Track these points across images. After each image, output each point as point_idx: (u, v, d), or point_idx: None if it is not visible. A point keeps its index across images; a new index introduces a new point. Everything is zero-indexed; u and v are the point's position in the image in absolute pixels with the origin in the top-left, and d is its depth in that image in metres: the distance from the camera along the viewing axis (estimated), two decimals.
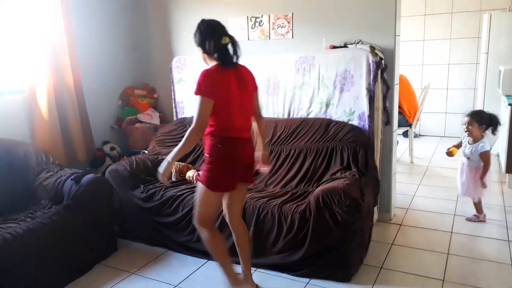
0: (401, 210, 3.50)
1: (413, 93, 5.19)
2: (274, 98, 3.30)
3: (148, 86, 4.12)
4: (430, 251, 2.80)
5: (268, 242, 2.54)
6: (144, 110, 3.96)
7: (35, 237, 2.35)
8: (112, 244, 2.96)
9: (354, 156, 2.83)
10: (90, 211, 2.72)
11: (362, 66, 2.89)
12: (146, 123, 3.91)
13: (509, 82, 4.44)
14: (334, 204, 2.33)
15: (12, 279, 2.22)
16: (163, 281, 2.57)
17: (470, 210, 3.45)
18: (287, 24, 3.36)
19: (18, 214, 2.62)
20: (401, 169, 4.67)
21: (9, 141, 2.96)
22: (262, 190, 2.89)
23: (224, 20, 3.70)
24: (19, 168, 2.91)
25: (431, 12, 6.04)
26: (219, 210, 2.38)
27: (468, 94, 6.05)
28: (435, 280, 2.46)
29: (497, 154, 4.93)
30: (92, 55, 3.70)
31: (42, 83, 3.15)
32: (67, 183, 2.77)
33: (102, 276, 2.64)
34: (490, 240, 2.94)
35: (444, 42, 6.05)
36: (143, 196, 2.95)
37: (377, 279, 2.50)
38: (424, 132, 6.43)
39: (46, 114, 3.18)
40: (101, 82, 3.79)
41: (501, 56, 4.96)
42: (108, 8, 3.84)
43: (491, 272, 2.54)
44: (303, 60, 3.13)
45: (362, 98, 2.93)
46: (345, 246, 2.40)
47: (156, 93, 4.09)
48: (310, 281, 2.48)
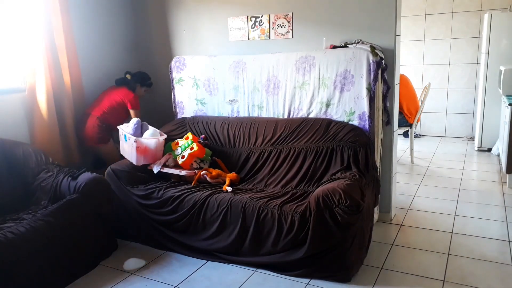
0: (402, 211, 3.49)
1: (413, 93, 5.18)
2: (274, 98, 3.30)
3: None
4: (430, 252, 2.80)
5: (268, 243, 2.53)
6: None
7: (36, 236, 2.35)
8: (113, 244, 2.95)
9: (354, 156, 2.82)
10: (89, 210, 2.71)
11: (363, 66, 2.88)
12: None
13: (509, 82, 4.43)
14: (334, 205, 2.33)
15: (13, 278, 2.21)
16: (162, 281, 2.56)
17: (470, 210, 3.45)
18: (287, 24, 3.35)
19: (18, 214, 2.62)
20: (401, 169, 4.67)
21: (8, 141, 2.96)
22: (262, 190, 2.89)
23: (223, 20, 3.73)
24: (19, 168, 2.91)
25: (431, 12, 6.03)
26: None
27: (468, 94, 6.04)
28: (436, 280, 2.46)
29: (497, 154, 4.92)
30: (92, 55, 3.70)
31: (41, 83, 3.14)
32: (65, 182, 2.77)
33: (101, 276, 2.64)
34: (491, 240, 2.94)
35: (444, 42, 6.04)
36: (142, 196, 2.94)
37: (378, 279, 2.49)
38: (425, 132, 6.42)
39: (45, 114, 3.17)
40: (101, 81, 3.78)
41: (501, 56, 4.96)
42: (108, 8, 3.83)
43: (492, 272, 2.53)
44: (303, 60, 3.12)
45: (362, 98, 2.92)
46: (345, 247, 2.39)
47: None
48: (310, 281, 2.47)
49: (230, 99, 3.49)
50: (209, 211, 2.69)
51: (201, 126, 3.48)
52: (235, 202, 2.63)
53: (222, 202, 2.66)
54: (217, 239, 2.70)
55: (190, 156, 3.07)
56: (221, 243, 2.69)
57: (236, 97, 3.46)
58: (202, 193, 2.78)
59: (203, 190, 2.84)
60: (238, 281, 2.53)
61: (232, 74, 3.42)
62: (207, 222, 2.72)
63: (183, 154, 3.09)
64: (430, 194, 3.88)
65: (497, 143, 4.95)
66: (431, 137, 6.32)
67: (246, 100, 3.42)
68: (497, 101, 4.98)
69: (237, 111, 3.49)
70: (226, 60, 3.44)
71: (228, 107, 3.52)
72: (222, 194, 2.76)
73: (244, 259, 2.65)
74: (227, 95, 3.49)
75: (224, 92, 3.50)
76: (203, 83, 3.56)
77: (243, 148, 3.28)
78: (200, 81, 3.57)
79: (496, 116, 5.01)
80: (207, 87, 3.56)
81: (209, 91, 3.56)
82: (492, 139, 5.16)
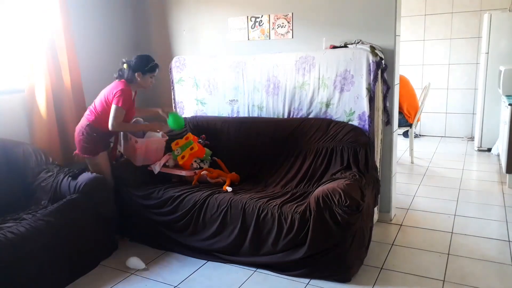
0: (402, 211, 3.49)
1: (413, 93, 5.18)
2: (274, 98, 3.30)
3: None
4: (430, 252, 2.80)
5: (268, 243, 2.53)
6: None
7: (36, 236, 2.35)
8: (113, 244, 2.96)
9: (354, 156, 2.82)
10: (89, 210, 2.71)
11: (362, 66, 2.88)
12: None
13: (509, 82, 4.43)
14: (334, 205, 2.33)
15: (13, 278, 2.22)
16: (162, 281, 2.57)
17: (470, 210, 3.45)
18: (287, 24, 3.35)
19: (18, 214, 2.62)
20: (401, 169, 4.67)
21: (8, 141, 2.96)
22: (262, 190, 2.89)
23: (223, 20, 3.73)
24: (19, 168, 2.91)
25: (431, 12, 6.04)
26: None
27: (468, 94, 6.05)
28: (436, 280, 2.46)
29: (497, 154, 4.93)
30: (92, 55, 3.70)
31: (41, 83, 3.14)
32: (65, 182, 2.77)
33: (101, 276, 2.64)
34: (491, 240, 2.94)
35: (444, 42, 6.05)
36: (142, 196, 2.94)
37: (377, 279, 2.49)
38: (425, 132, 6.42)
39: (45, 114, 3.17)
40: (100, 82, 3.76)
41: (501, 56, 4.96)
42: (108, 8, 3.83)
43: (492, 272, 2.53)
44: (303, 60, 3.13)
45: (362, 98, 2.92)
46: (345, 247, 2.39)
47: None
48: (310, 281, 2.47)
49: (230, 99, 3.49)
50: (209, 211, 2.69)
51: (201, 126, 3.48)
52: (235, 202, 2.63)
53: (222, 202, 2.67)
54: (217, 239, 2.70)
55: (190, 156, 3.07)
56: (221, 243, 2.69)
57: (236, 97, 3.46)
58: (202, 193, 2.78)
59: (203, 190, 2.84)
60: (238, 281, 2.53)
61: (232, 74, 3.42)
62: (207, 222, 2.72)
63: (183, 154, 3.09)
64: (430, 194, 3.88)
65: (497, 143, 4.95)
66: (431, 137, 6.32)
67: (246, 100, 3.42)
68: (497, 101, 4.98)
69: (237, 111, 3.49)
70: (226, 60, 3.44)
71: (228, 107, 3.52)
72: (222, 194, 2.76)
73: (244, 259, 2.65)
74: (227, 95, 3.49)
75: (224, 92, 3.50)
76: (203, 83, 3.56)
77: (243, 148, 3.28)
78: (200, 81, 3.57)
79: (496, 116, 5.01)
80: (207, 87, 3.56)
81: (209, 91, 3.56)
82: (492, 139, 5.16)
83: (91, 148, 2.95)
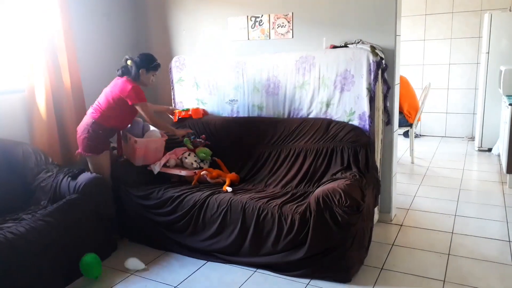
0: (402, 211, 3.49)
1: (413, 93, 5.18)
2: (274, 98, 3.29)
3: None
4: (430, 252, 2.79)
5: (268, 243, 2.53)
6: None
7: (36, 236, 2.34)
8: (112, 244, 2.95)
9: (354, 156, 2.82)
10: (89, 210, 2.71)
11: (363, 66, 2.88)
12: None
13: (509, 82, 4.43)
14: (335, 205, 2.33)
15: (13, 278, 2.21)
16: (162, 281, 2.56)
17: (470, 210, 3.44)
18: (287, 24, 3.35)
19: (18, 214, 2.61)
20: (401, 169, 4.66)
21: (8, 141, 2.96)
22: (262, 191, 2.88)
23: (223, 20, 3.72)
24: (18, 168, 2.91)
25: (431, 12, 6.03)
26: None
27: (468, 94, 6.04)
28: (436, 280, 2.45)
29: (497, 154, 4.92)
30: (92, 55, 3.69)
31: (40, 83, 3.14)
32: (64, 182, 2.77)
33: (101, 276, 2.63)
34: (491, 240, 2.93)
35: (444, 42, 6.04)
36: (142, 196, 2.94)
37: (378, 279, 2.49)
38: (425, 132, 6.42)
39: (45, 114, 3.17)
40: (100, 82, 3.76)
41: (501, 56, 4.95)
42: (108, 8, 3.83)
43: (492, 272, 2.53)
44: (303, 60, 3.12)
45: (362, 98, 2.92)
46: (346, 247, 2.39)
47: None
48: (311, 281, 2.47)
49: (230, 99, 3.49)
50: (209, 211, 2.69)
51: (201, 126, 3.47)
52: (235, 202, 2.63)
53: (222, 202, 2.66)
54: (217, 239, 2.70)
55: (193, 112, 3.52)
56: (221, 243, 2.69)
57: (236, 97, 3.45)
58: (202, 193, 2.77)
59: (203, 190, 2.84)
60: (238, 281, 2.52)
61: (232, 74, 3.41)
62: (207, 222, 2.71)
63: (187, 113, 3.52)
64: (430, 194, 3.87)
65: (497, 143, 4.95)
66: (431, 137, 6.31)
67: (246, 100, 3.42)
68: (497, 101, 4.98)
69: (237, 111, 3.49)
70: (226, 60, 3.44)
71: (228, 107, 3.51)
72: (222, 194, 2.75)
73: (244, 259, 2.65)
74: (227, 95, 3.49)
75: (224, 92, 3.50)
76: (203, 83, 3.56)
77: (243, 148, 3.27)
78: (200, 81, 3.57)
79: (496, 116, 5.01)
80: (207, 87, 3.55)
81: (209, 91, 3.56)
82: (492, 139, 5.15)
83: (95, 146, 2.96)
